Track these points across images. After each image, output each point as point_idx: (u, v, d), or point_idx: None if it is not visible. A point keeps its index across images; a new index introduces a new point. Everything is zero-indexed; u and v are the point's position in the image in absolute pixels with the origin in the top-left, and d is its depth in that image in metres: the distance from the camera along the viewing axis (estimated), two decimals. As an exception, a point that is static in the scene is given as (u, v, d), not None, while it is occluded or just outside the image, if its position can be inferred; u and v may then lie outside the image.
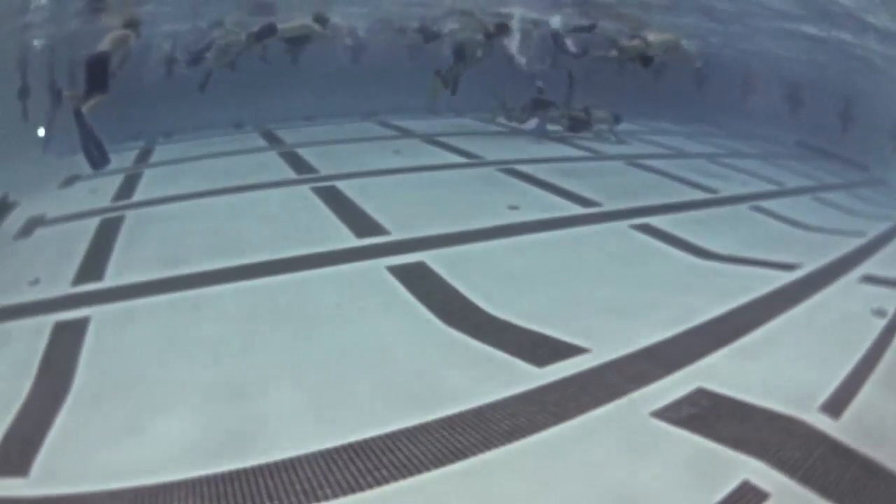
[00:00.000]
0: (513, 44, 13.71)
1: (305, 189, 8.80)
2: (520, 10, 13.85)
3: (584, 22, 14.40)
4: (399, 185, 9.27)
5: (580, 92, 13.80)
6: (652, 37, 12.86)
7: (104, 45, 8.74)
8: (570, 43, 13.77)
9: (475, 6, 14.42)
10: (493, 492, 3.15)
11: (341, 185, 8.88)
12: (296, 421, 3.78)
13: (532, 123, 13.72)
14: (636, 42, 12.88)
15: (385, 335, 4.92)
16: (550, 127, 13.66)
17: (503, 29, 13.71)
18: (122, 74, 9.57)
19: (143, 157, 11.80)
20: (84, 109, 8.93)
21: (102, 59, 8.54)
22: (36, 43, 12.10)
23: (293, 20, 13.08)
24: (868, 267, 6.76)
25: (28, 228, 7.76)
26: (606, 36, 13.73)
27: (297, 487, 3.15)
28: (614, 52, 13.17)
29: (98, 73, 8.60)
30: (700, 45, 15.74)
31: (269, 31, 12.77)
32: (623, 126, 13.78)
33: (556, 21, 13.65)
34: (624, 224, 7.77)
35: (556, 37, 13.65)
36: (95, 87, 8.62)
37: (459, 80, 14.10)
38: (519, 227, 7.41)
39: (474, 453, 3.39)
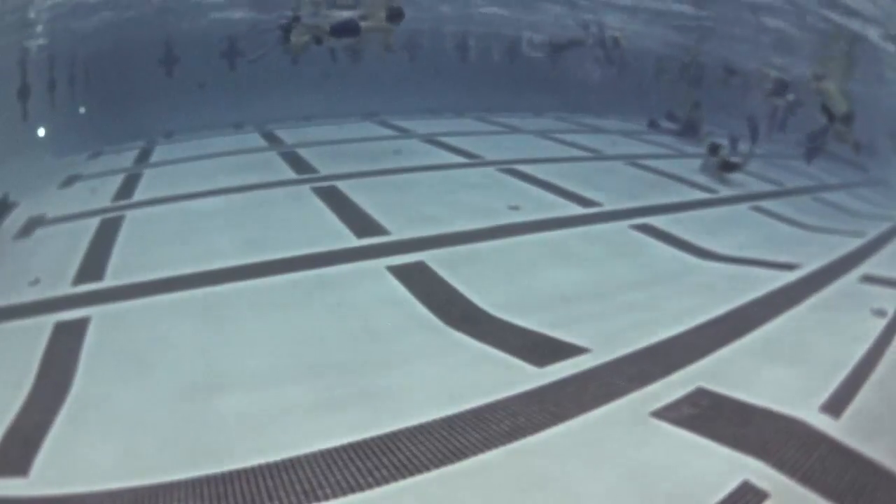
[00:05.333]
0: None
1: (306, 189, 8.81)
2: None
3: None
4: (399, 184, 9.27)
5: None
6: None
7: (366, 20, 10.95)
8: None
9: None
10: (493, 492, 3.15)
11: (341, 185, 8.89)
12: (297, 419, 3.78)
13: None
14: None
15: (385, 335, 4.92)
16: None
17: None
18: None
19: (143, 157, 11.80)
20: (294, 35, 11.33)
21: (354, 22, 10.81)
22: (35, 42, 12.13)
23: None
24: (868, 267, 6.76)
25: (28, 228, 7.76)
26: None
27: (297, 487, 3.15)
28: None
29: (345, 27, 10.82)
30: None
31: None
32: (609, 124, 13.85)
33: None
34: (624, 224, 7.77)
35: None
36: (341, 30, 10.91)
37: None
38: (519, 226, 7.41)
39: (474, 453, 3.39)
